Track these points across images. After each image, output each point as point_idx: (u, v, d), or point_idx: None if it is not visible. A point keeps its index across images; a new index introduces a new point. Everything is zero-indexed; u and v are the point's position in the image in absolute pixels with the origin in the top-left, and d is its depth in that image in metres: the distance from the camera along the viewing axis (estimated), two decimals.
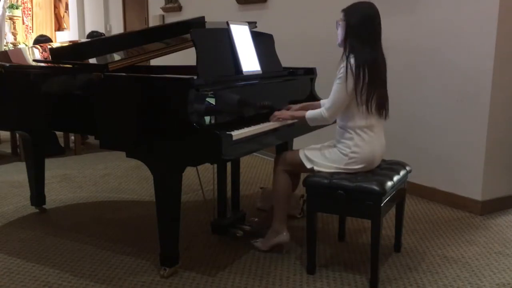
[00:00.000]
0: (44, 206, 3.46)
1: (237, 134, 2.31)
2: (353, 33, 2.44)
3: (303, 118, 2.58)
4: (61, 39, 9.81)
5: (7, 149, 5.35)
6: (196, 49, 2.48)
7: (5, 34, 8.83)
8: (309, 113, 2.55)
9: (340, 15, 2.51)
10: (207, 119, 2.35)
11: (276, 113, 2.68)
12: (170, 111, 2.30)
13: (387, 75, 2.55)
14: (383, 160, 2.66)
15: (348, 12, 2.48)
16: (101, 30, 7.78)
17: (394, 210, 2.72)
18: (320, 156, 2.53)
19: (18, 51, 4.73)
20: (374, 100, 2.42)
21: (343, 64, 2.40)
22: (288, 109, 2.80)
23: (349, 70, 2.36)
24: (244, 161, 4.53)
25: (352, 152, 2.45)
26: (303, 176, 2.54)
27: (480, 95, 3.28)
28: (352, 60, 2.38)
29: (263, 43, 2.99)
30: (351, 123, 2.46)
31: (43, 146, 3.44)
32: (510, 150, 3.47)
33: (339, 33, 2.51)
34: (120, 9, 8.18)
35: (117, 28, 8.36)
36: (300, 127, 2.78)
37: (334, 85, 2.43)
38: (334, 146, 2.53)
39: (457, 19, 3.38)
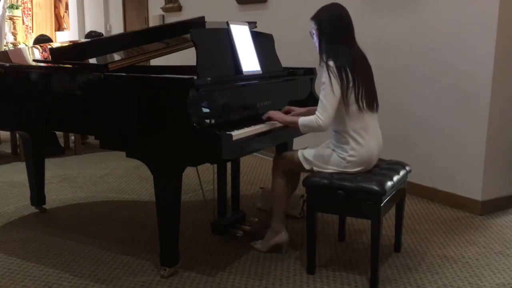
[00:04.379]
0: (44, 206, 3.45)
1: (237, 134, 2.31)
2: (327, 38, 2.47)
3: (295, 125, 2.51)
4: (61, 39, 9.80)
5: (7, 149, 5.34)
6: (196, 49, 2.48)
7: (5, 34, 8.82)
8: (302, 120, 2.47)
9: (311, 24, 2.53)
10: (207, 119, 2.35)
11: (270, 112, 2.63)
12: (170, 111, 2.30)
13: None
14: (383, 160, 2.66)
15: (317, 18, 2.51)
16: (101, 30, 7.77)
17: (394, 210, 2.72)
18: (319, 158, 2.52)
19: (18, 51, 4.73)
20: (363, 97, 2.42)
21: (324, 69, 2.40)
22: (289, 111, 2.75)
23: (331, 74, 2.36)
24: (244, 161, 4.53)
25: (349, 156, 2.44)
26: (303, 176, 2.54)
27: (480, 95, 3.28)
28: (331, 63, 2.38)
29: (263, 43, 2.99)
30: (343, 127, 2.44)
31: (43, 146, 3.44)
32: (510, 150, 3.47)
33: (315, 41, 2.54)
34: (120, 9, 8.17)
35: (117, 28, 8.35)
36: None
37: (321, 92, 2.40)
38: (332, 149, 2.51)
39: (457, 19, 3.37)
